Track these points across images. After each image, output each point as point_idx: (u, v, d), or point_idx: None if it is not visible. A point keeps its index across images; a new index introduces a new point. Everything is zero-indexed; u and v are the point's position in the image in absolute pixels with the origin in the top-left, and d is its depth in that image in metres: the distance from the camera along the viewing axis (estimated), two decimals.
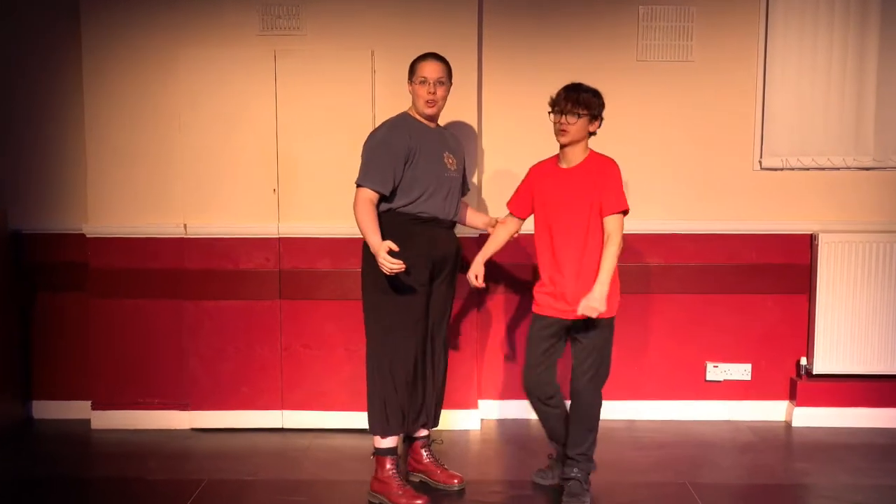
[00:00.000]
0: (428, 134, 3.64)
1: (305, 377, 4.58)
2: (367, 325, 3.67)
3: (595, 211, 3.41)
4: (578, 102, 3.41)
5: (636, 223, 4.41)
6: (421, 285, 3.60)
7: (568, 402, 3.66)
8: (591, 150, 3.51)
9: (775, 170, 4.63)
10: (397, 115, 3.69)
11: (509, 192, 3.87)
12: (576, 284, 3.47)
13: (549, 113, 3.47)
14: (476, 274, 3.70)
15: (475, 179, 4.56)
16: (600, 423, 3.67)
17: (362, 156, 3.58)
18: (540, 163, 3.62)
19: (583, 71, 4.18)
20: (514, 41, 4.54)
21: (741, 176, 4.63)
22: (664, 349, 4.70)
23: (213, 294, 4.53)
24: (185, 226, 4.51)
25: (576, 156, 3.49)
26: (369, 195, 3.52)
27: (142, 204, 4.55)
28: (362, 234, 3.50)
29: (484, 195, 4.61)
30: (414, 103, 3.65)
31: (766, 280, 4.64)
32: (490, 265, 3.86)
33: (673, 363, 4.71)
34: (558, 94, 3.45)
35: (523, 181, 3.66)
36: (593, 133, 3.50)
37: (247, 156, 4.44)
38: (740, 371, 4.73)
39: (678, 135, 4.60)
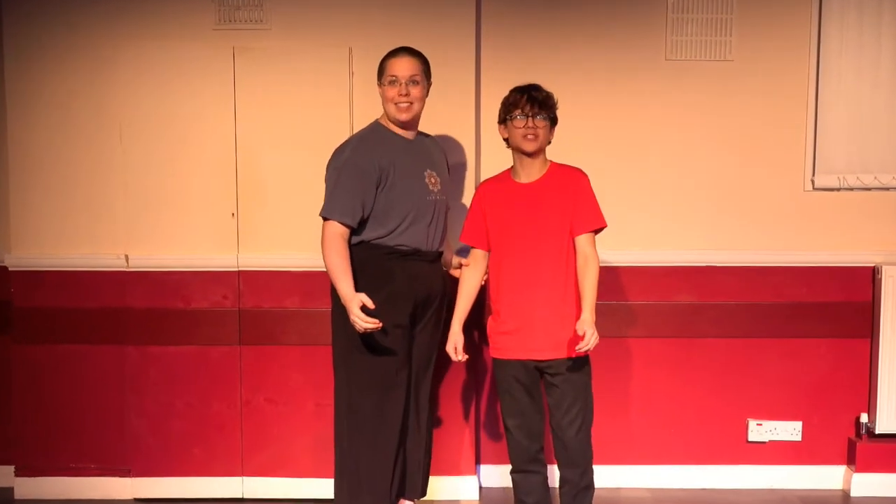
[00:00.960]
0: (405, 147, 3.36)
1: (270, 437, 4.21)
2: (336, 376, 3.41)
3: (567, 228, 3.22)
4: (545, 104, 3.24)
5: (662, 254, 4.18)
6: (401, 329, 3.35)
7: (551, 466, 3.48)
8: (552, 161, 3.31)
9: (830, 190, 4.26)
10: (367, 127, 3.43)
11: None
12: (551, 317, 3.23)
13: (505, 120, 3.27)
14: (455, 346, 3.42)
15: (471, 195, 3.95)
16: (618, 493, 3.50)
17: (326, 180, 3.32)
18: (489, 181, 3.40)
19: (600, 72, 4.08)
20: (518, 38, 4.18)
21: (789, 197, 4.24)
22: (698, 404, 4.33)
23: (161, 338, 4.14)
24: (126, 257, 4.11)
25: (537, 167, 3.28)
26: (339, 230, 3.26)
27: (75, 231, 4.18)
28: (331, 278, 3.25)
29: None
30: (385, 109, 3.37)
31: (820, 321, 4.28)
32: (481, 301, 3.62)
33: (708, 420, 4.34)
34: (516, 97, 3.27)
35: (473, 204, 3.41)
36: (550, 142, 3.32)
37: (200, 173, 4.06)
38: (789, 430, 4.35)
39: (714, 148, 4.22)
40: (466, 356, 3.45)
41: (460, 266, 3.54)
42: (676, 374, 4.34)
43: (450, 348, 3.44)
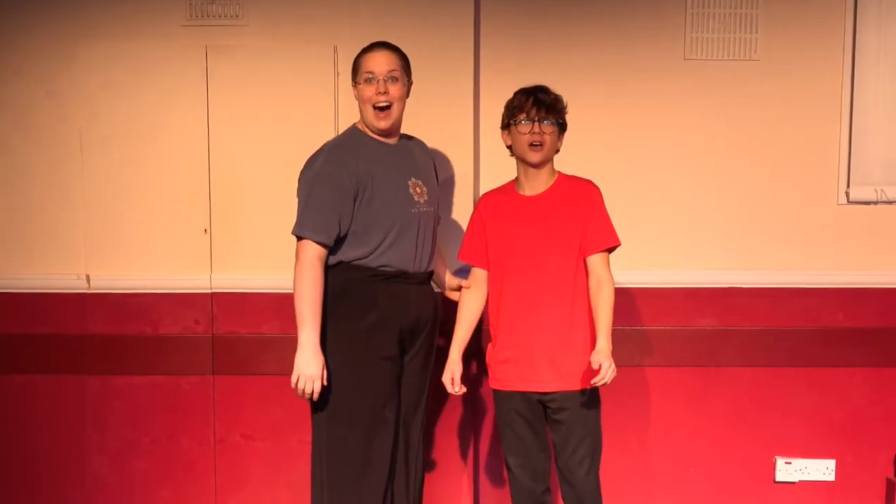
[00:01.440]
0: (385, 154, 3.24)
1: (246, 478, 4.09)
2: (314, 411, 3.25)
3: (576, 246, 3.17)
4: (553, 108, 3.17)
5: (681, 274, 4.03)
6: (388, 361, 3.22)
7: None
8: (560, 172, 3.26)
9: (866, 203, 4.11)
10: (344, 132, 3.32)
11: None
12: (555, 345, 3.16)
13: (509, 125, 3.21)
14: (452, 376, 3.30)
15: (470, 209, 3.89)
16: None
17: (298, 194, 3.19)
18: (490, 193, 3.35)
19: (611, 72, 3.94)
20: (520, 35, 4.04)
21: (822, 212, 4.09)
22: (720, 440, 4.18)
23: (125, 367, 4.02)
24: (87, 277, 4.00)
25: (544, 179, 3.22)
26: (315, 251, 3.10)
27: (30, 248, 4.05)
28: (296, 311, 3.10)
29: None
30: (362, 113, 3.25)
31: (855, 348, 4.12)
32: (481, 327, 3.53)
33: (732, 458, 4.19)
34: (521, 100, 3.21)
35: (472, 219, 3.37)
36: (558, 150, 3.26)
37: (169, 184, 3.95)
38: (821, 469, 4.19)
39: (738, 157, 4.07)
40: (465, 388, 3.34)
41: (459, 288, 3.44)
42: (697, 406, 4.19)
43: (446, 379, 3.33)
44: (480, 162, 4.03)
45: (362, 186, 3.16)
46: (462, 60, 3.96)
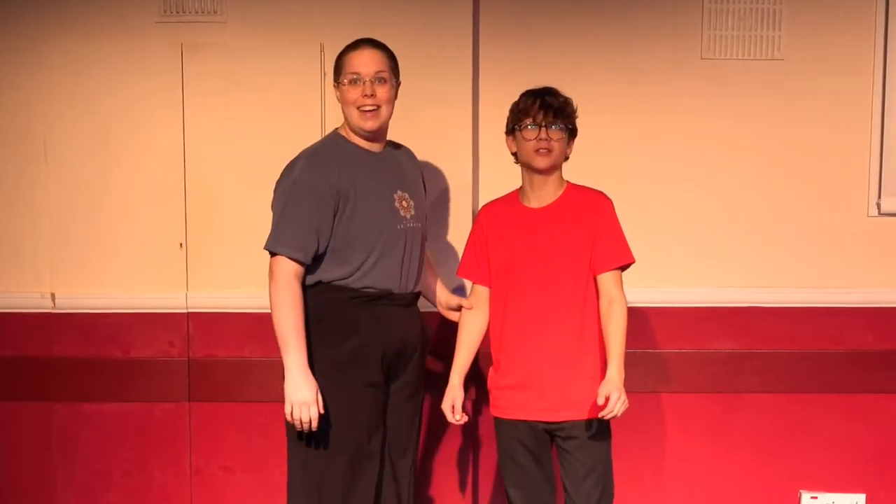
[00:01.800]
0: (370, 163, 3.15)
1: None
2: (289, 442, 3.14)
3: (585, 263, 3.11)
4: (561, 111, 3.10)
5: (697, 293, 3.96)
6: (372, 389, 3.13)
7: None
8: (569, 182, 3.20)
9: None
10: (324, 138, 3.24)
11: None
12: (563, 370, 3.10)
13: (514, 130, 3.15)
14: (453, 403, 3.22)
15: (468, 223, 3.89)
16: None
17: (273, 205, 3.10)
18: (492, 203, 3.30)
19: (621, 73, 3.88)
20: (523, 34, 3.98)
21: (850, 224, 4.02)
22: (741, 472, 4.09)
23: (94, 394, 3.96)
24: (52, 296, 3.93)
25: (551, 189, 3.16)
26: (291, 269, 3.00)
27: None
28: (277, 336, 3.01)
29: None
30: (346, 116, 3.14)
31: (887, 372, 4.02)
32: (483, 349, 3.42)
33: (753, 492, 4.10)
34: (527, 103, 3.14)
35: (473, 232, 3.31)
36: (567, 158, 3.20)
37: (142, 194, 3.90)
38: None
39: (759, 165, 4.00)
40: (466, 417, 3.25)
41: (459, 308, 3.34)
42: (714, 436, 4.10)
43: (446, 406, 3.24)
44: (480, 171, 3.99)
45: (343, 199, 3.06)
46: (460, 59, 3.91)
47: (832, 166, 4.02)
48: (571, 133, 3.13)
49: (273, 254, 3.02)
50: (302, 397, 2.96)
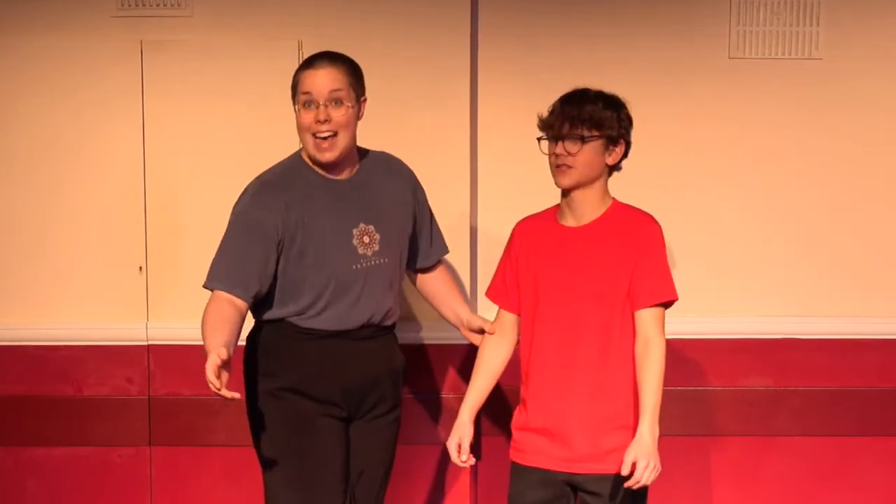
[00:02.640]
0: (327, 195, 3.07)
1: None
2: (264, 480, 3.14)
3: (622, 296, 2.93)
4: (581, 118, 2.90)
5: (727, 323, 3.85)
6: (327, 420, 3.09)
7: None
8: (615, 200, 3.04)
9: None
10: (284, 161, 3.14)
11: None
12: (589, 418, 2.95)
13: (539, 140, 3.05)
14: (460, 442, 3.07)
15: (467, 251, 3.92)
16: None
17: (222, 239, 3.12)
18: (527, 219, 3.16)
19: (638, 74, 3.73)
20: (527, 30, 3.84)
21: None
22: None
23: (42, 436, 3.83)
24: None
25: (590, 206, 2.98)
26: (229, 297, 2.98)
27: None
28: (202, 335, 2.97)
29: (480, 261, 4.01)
30: (302, 143, 3.07)
31: None
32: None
33: None
34: (552, 109, 3.02)
35: (505, 251, 3.17)
36: (615, 167, 3.00)
37: (96, 211, 3.77)
38: None
39: (794, 178, 3.86)
40: (473, 459, 3.12)
41: (482, 331, 3.23)
42: (747, 483, 3.94)
43: (451, 444, 3.10)
44: (479, 175, 3.88)
45: (290, 237, 2.99)
46: (458, 57, 3.78)
47: (879, 179, 3.85)
48: (611, 140, 2.93)
49: (212, 290, 3.00)
50: (215, 355, 2.83)
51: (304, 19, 3.70)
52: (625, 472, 2.76)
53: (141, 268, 3.73)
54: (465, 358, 3.66)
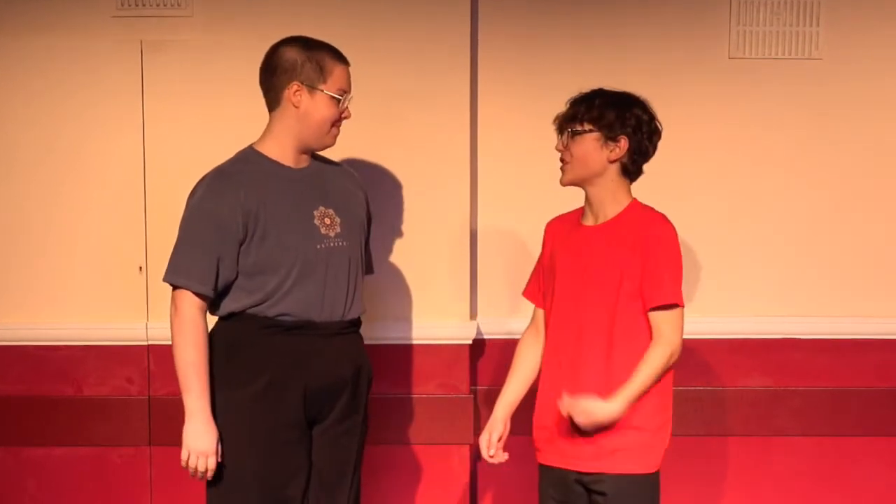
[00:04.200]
0: (283, 181, 3.06)
1: None
2: (208, 494, 3.11)
3: (629, 296, 2.91)
4: (574, 114, 2.94)
5: (725, 323, 3.86)
6: (289, 429, 3.06)
7: None
8: (635, 200, 3.01)
9: None
10: (235, 155, 3.12)
11: (514, 267, 3.64)
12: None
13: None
14: (490, 437, 3.07)
15: (466, 251, 3.86)
16: None
17: (178, 234, 3.10)
18: (556, 218, 3.17)
19: (637, 74, 3.63)
20: (528, 32, 3.83)
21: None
22: None
23: (43, 437, 3.80)
24: None
25: (603, 205, 2.98)
26: (195, 302, 2.96)
27: None
28: (178, 374, 2.98)
29: (481, 271, 3.95)
30: (304, 127, 3.02)
31: None
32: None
33: None
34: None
35: (542, 249, 3.18)
36: (628, 168, 2.96)
37: (96, 211, 3.76)
38: None
39: (794, 178, 3.87)
40: (505, 455, 3.09)
41: None
42: (748, 484, 3.93)
43: (483, 440, 3.11)
44: (479, 176, 3.85)
45: (253, 221, 2.97)
46: (458, 56, 3.75)
47: (879, 179, 3.84)
48: (608, 135, 2.90)
49: (174, 286, 2.98)
50: (201, 446, 2.93)
51: (304, 19, 3.59)
52: (562, 409, 2.82)
53: (141, 268, 3.71)
54: (464, 358, 3.69)
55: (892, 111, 3.81)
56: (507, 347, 3.84)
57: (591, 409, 2.81)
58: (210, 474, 2.96)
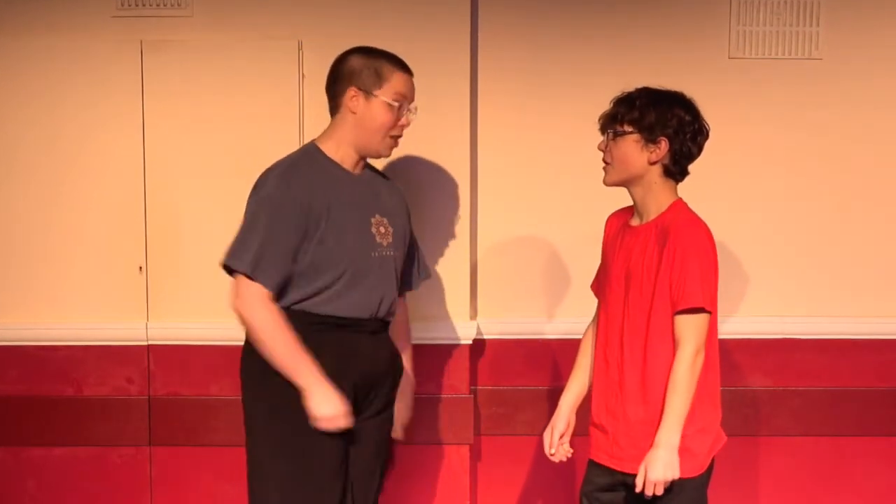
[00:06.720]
0: (348, 184, 3.05)
1: None
2: (250, 486, 3.08)
3: (661, 298, 2.85)
4: (614, 115, 2.90)
5: (724, 322, 3.63)
6: (333, 441, 3.07)
7: None
8: (678, 201, 2.92)
9: None
10: (300, 150, 3.10)
11: (514, 267, 3.74)
12: (633, 417, 2.89)
13: None
14: (552, 432, 3.05)
15: (466, 251, 3.83)
16: None
17: (244, 218, 3.00)
18: (617, 213, 3.16)
19: (637, 74, 3.45)
20: (528, 32, 3.82)
21: None
22: None
23: (42, 437, 3.79)
24: None
25: (646, 206, 2.93)
26: (261, 291, 2.91)
27: None
28: (275, 362, 2.93)
29: (481, 271, 3.94)
30: (358, 136, 3.00)
31: None
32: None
33: None
34: None
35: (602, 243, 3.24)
36: (671, 168, 2.89)
37: (96, 210, 3.74)
38: None
39: (794, 178, 3.85)
40: (570, 451, 3.07)
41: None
42: (746, 484, 3.92)
43: (546, 437, 3.09)
44: (479, 177, 3.84)
45: (316, 219, 2.95)
46: (458, 56, 3.74)
47: (880, 179, 3.83)
48: (648, 138, 2.83)
49: (232, 272, 2.92)
50: (330, 411, 2.91)
51: (304, 19, 3.67)
52: (638, 481, 2.75)
53: (141, 268, 3.71)
54: (464, 358, 3.69)
55: (892, 111, 3.79)
56: (507, 347, 3.94)
57: (653, 471, 2.76)
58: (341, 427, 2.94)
